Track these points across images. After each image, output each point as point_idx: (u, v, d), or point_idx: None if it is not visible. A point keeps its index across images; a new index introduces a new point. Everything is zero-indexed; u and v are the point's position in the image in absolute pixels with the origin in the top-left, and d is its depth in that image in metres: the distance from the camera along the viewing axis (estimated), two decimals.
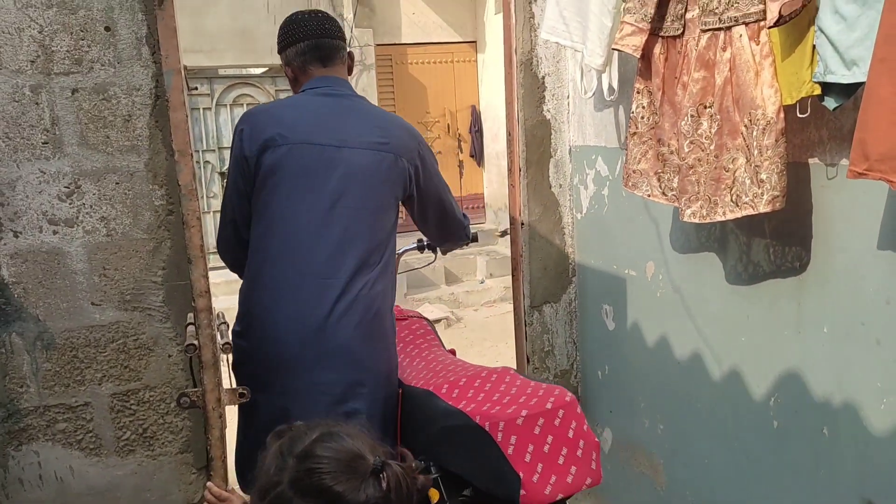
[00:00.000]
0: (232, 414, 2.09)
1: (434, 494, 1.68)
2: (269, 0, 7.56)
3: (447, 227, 2.30)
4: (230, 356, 2.04)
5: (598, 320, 2.85)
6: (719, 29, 1.74)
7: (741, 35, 1.69)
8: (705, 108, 1.82)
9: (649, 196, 2.11)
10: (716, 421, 2.21)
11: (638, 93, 2.07)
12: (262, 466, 1.11)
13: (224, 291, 5.05)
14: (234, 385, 2.00)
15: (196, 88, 7.22)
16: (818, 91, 1.56)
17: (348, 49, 2.14)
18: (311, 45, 2.03)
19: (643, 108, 2.06)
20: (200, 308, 1.63)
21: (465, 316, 6.97)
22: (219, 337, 1.75)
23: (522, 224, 2.93)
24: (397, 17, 8.15)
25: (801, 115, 1.66)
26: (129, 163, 2.40)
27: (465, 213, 2.45)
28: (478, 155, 8.68)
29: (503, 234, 2.74)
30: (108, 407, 2.50)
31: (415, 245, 2.68)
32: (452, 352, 2.46)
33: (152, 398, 2.54)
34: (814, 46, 1.53)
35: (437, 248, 2.59)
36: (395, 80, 8.29)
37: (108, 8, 2.30)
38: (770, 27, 1.59)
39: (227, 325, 1.69)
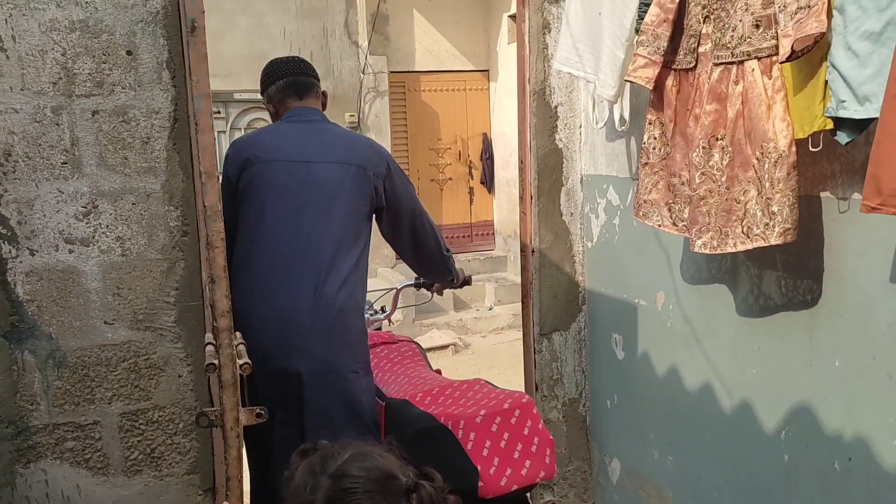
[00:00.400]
0: None
1: None
2: (286, 27, 7.68)
3: (422, 248, 2.43)
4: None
5: (607, 349, 2.85)
6: (732, 63, 1.77)
7: (753, 69, 1.71)
8: (717, 139, 1.84)
9: (660, 226, 2.12)
10: (726, 454, 2.20)
11: (650, 124, 2.09)
12: (291, 485, 1.10)
13: None
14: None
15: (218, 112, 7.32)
16: (830, 125, 1.58)
17: (322, 88, 2.42)
18: (288, 81, 2.34)
19: (655, 139, 2.08)
20: (222, 328, 1.65)
21: (472, 342, 6.96)
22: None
23: (533, 252, 2.95)
24: (411, 45, 8.26)
25: (813, 149, 1.67)
26: (145, 184, 2.43)
27: (449, 248, 2.59)
28: (488, 182, 8.72)
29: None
30: (117, 426, 2.50)
31: (412, 282, 2.86)
32: (438, 371, 2.60)
33: (161, 418, 2.55)
34: (826, 81, 1.55)
35: (431, 288, 2.78)
36: (408, 107, 8.37)
37: (131, 32, 2.35)
38: (782, 62, 1.61)
39: (245, 346, 1.71)
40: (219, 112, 7.41)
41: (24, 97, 2.29)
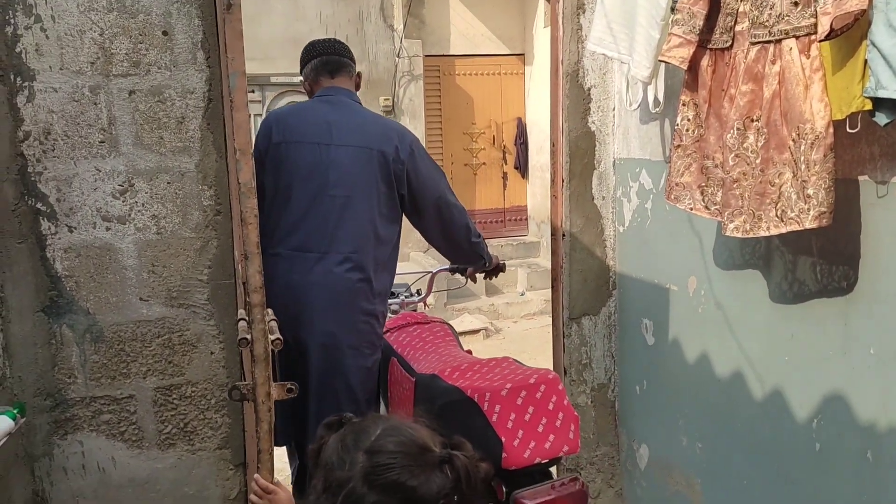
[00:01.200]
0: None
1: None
2: (322, 10, 7.70)
3: (450, 236, 2.49)
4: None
5: (637, 335, 2.82)
6: (769, 42, 1.72)
7: (791, 48, 1.67)
8: (752, 121, 1.80)
9: (692, 209, 2.09)
10: (756, 441, 2.17)
11: (683, 105, 2.05)
12: (322, 459, 1.11)
13: None
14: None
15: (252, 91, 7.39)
16: (869, 106, 1.53)
17: (357, 70, 2.53)
18: (321, 60, 2.47)
19: (688, 120, 2.05)
20: (255, 303, 1.68)
21: (504, 328, 6.96)
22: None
23: (564, 235, 2.93)
24: (446, 28, 8.22)
25: (850, 131, 1.63)
26: (180, 163, 2.47)
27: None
28: (522, 167, 8.68)
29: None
30: (151, 400, 2.56)
31: (447, 267, 2.94)
32: (469, 352, 2.64)
33: (194, 394, 2.60)
34: (865, 61, 1.50)
35: (465, 273, 2.84)
36: (443, 91, 8.35)
37: (167, 13, 2.37)
38: (821, 41, 1.57)
39: (277, 322, 1.74)
40: (253, 91, 7.47)
41: (63, 76, 2.34)
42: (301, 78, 2.58)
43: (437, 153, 8.34)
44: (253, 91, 7.53)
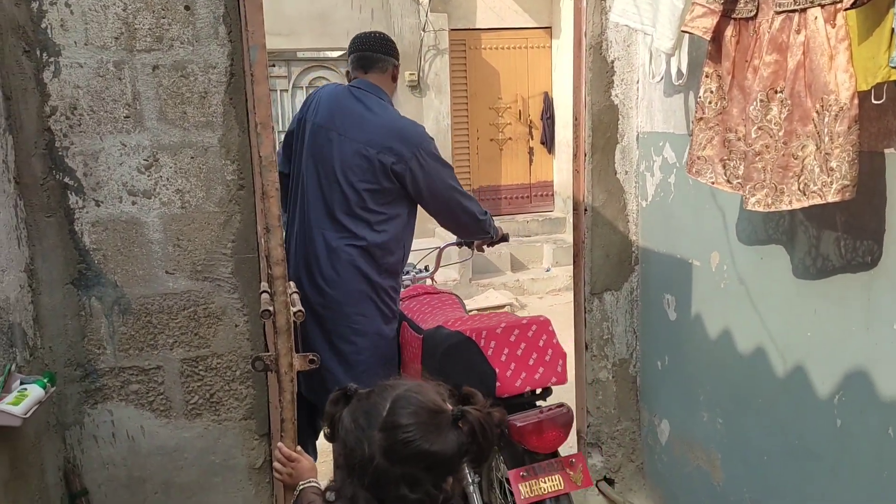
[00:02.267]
0: None
1: None
2: None
3: (458, 225, 2.79)
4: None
5: (659, 310, 2.81)
6: (794, 11, 1.69)
7: (816, 17, 1.63)
8: (776, 92, 1.77)
9: (713, 183, 2.06)
10: (777, 417, 2.16)
11: (707, 77, 2.02)
12: (340, 440, 1.13)
13: None
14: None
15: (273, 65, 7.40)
16: None
17: (396, 63, 2.75)
18: (357, 56, 2.70)
19: (711, 92, 2.01)
20: (277, 276, 1.71)
21: (529, 303, 6.95)
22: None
23: (586, 210, 2.91)
24: (472, 1, 8.13)
25: (876, 102, 1.59)
26: (203, 138, 2.50)
27: (487, 210, 2.87)
28: (548, 142, 8.61)
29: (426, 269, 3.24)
30: (178, 371, 2.62)
31: (454, 242, 3.12)
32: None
33: (219, 365, 2.65)
34: (892, 30, 1.46)
35: (472, 245, 3.05)
36: (469, 65, 8.29)
37: None
38: (847, 9, 1.53)
39: (299, 294, 1.77)
40: (273, 65, 7.48)
41: (87, 52, 2.37)
42: (328, 54, 3.10)
43: (463, 128, 8.30)
44: (276, 66, 7.55)
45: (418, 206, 2.70)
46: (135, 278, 2.52)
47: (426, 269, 3.31)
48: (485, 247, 3.04)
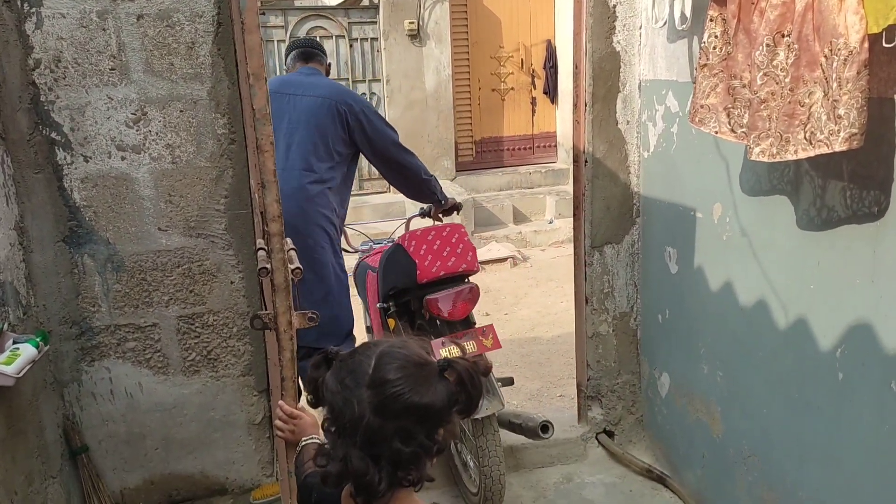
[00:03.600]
0: None
1: (391, 323, 2.88)
2: None
3: (404, 170, 3.11)
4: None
5: (660, 263, 2.77)
6: None
7: None
8: (783, 36, 1.69)
9: (717, 133, 2.00)
10: (777, 370, 2.13)
11: (711, 21, 1.94)
12: (327, 404, 1.11)
13: None
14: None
15: (263, 13, 7.23)
16: None
17: (329, 62, 3.30)
18: (299, 51, 3.17)
19: (716, 37, 1.93)
20: (273, 233, 1.65)
21: (531, 256, 6.91)
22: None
23: (586, 162, 2.85)
24: None
25: (887, 46, 1.52)
26: (192, 91, 2.43)
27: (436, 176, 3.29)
28: (551, 92, 8.45)
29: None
30: (174, 328, 2.60)
31: (417, 213, 3.45)
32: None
33: (216, 322, 2.63)
34: None
35: (430, 215, 3.37)
36: (469, 13, 8.09)
37: None
38: None
39: (296, 251, 1.72)
40: (263, 14, 7.32)
41: (70, 1, 2.29)
42: (325, 2, 3.38)
43: (464, 78, 8.15)
44: (276, 16, 7.38)
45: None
46: (127, 235, 2.49)
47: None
48: (441, 216, 3.37)
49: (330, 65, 3.36)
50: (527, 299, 5.69)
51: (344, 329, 3.10)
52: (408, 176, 3.16)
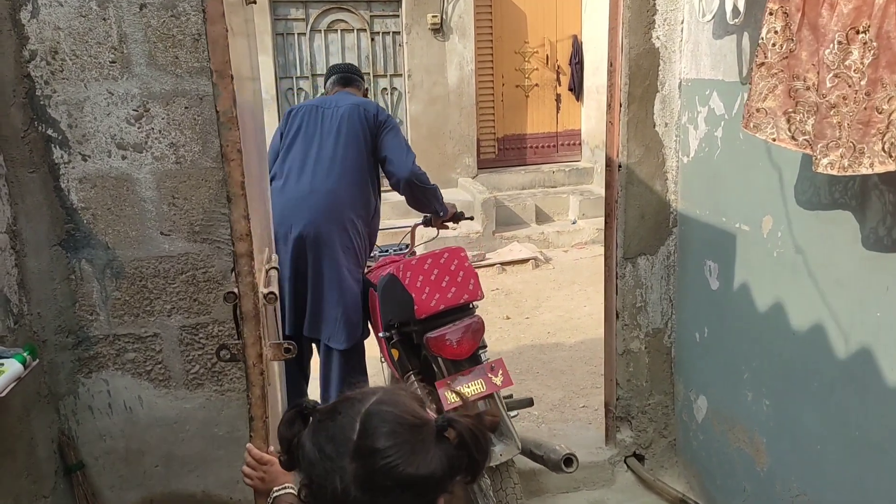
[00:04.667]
0: None
1: (395, 353, 2.73)
2: None
3: (413, 188, 3.09)
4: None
5: (699, 278, 2.56)
6: None
7: None
8: (858, 32, 1.48)
9: (774, 140, 1.79)
10: (835, 403, 1.93)
11: (770, 14, 1.73)
12: (303, 473, 0.94)
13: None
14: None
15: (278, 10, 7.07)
16: None
17: (366, 86, 3.48)
18: (339, 76, 3.28)
19: (776, 33, 1.72)
20: (240, 253, 1.41)
21: (554, 257, 6.72)
22: (262, 286, 1.54)
23: (620, 166, 2.64)
24: None
25: None
26: (198, 86, 2.26)
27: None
28: (577, 88, 8.22)
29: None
30: (177, 339, 2.44)
31: (421, 221, 3.37)
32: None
33: (221, 333, 2.46)
34: None
35: (433, 224, 3.33)
36: (494, 7, 7.88)
37: None
38: None
39: (278, 271, 1.50)
40: (283, 8, 7.16)
41: None
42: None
43: (488, 74, 7.95)
44: (297, 9, 7.22)
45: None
46: (127, 239, 2.33)
47: (407, 246, 3.52)
48: (443, 225, 3.32)
49: (367, 90, 3.53)
50: (549, 302, 5.50)
51: (354, 335, 2.94)
52: (414, 184, 3.13)
